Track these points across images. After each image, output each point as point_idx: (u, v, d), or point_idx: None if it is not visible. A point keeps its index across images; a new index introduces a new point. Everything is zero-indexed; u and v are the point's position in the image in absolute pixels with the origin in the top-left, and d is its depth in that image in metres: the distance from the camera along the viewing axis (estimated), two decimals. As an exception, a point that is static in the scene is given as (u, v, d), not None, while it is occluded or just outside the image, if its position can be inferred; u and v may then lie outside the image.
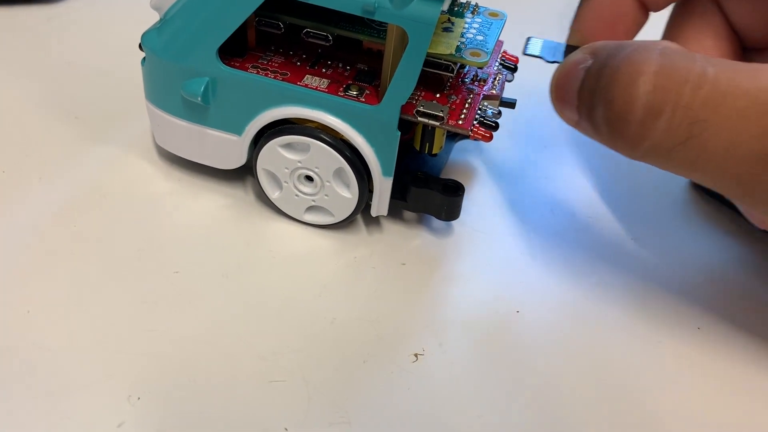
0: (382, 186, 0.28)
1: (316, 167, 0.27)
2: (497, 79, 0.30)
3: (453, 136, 0.32)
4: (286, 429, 0.23)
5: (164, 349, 0.25)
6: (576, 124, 0.22)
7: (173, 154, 0.31)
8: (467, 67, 0.29)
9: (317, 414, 0.23)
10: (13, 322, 0.25)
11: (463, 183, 0.28)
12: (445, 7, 0.25)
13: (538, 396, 0.25)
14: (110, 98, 0.35)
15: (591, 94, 0.21)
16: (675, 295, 0.29)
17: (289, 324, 0.26)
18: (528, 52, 0.26)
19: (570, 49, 0.26)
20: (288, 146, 0.27)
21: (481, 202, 0.32)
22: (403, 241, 0.30)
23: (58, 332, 0.25)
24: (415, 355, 0.26)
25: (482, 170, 0.34)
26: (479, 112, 0.28)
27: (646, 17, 0.26)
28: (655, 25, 0.27)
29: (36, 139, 0.32)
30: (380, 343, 0.26)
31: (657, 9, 0.26)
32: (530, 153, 0.36)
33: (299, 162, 0.27)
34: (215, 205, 0.30)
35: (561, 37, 0.27)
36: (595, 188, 0.34)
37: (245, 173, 0.31)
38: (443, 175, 0.31)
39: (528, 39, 0.26)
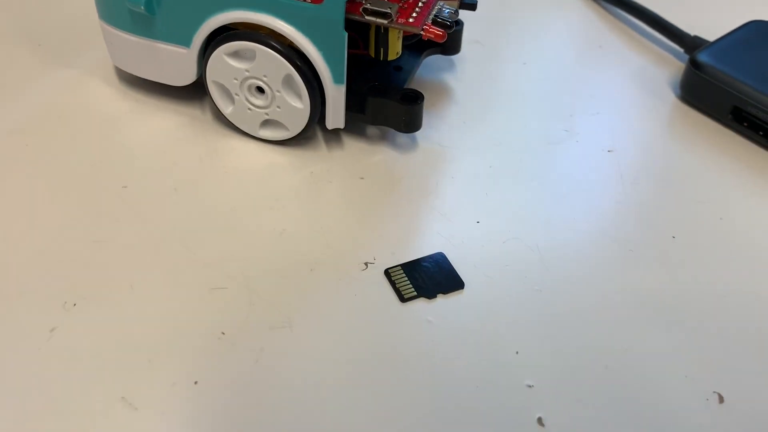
0: (335, 94, 0.26)
1: (264, 75, 0.26)
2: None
3: (419, 51, 0.31)
4: (223, 333, 0.22)
5: (105, 259, 0.24)
6: None
7: (132, 77, 0.31)
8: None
9: (258, 319, 0.23)
10: (-42, 234, 0.25)
11: (432, 100, 0.27)
12: None
13: (481, 299, 0.24)
14: (72, 25, 0.34)
15: None
16: (649, 209, 0.28)
17: (238, 235, 0.25)
18: None
19: None
20: (234, 54, 0.26)
21: (450, 119, 0.31)
22: (364, 156, 0.29)
23: (1, 239, 0.24)
24: (366, 264, 0.25)
25: (453, 88, 0.33)
26: (435, 12, 0.26)
27: None
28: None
29: (-3, 66, 0.32)
30: (330, 252, 0.25)
31: None
32: (506, 70, 0.34)
33: (247, 71, 0.27)
34: (171, 123, 0.29)
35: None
36: (573, 104, 0.32)
37: (202, 93, 0.30)
38: (407, 89, 0.30)
39: None
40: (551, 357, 0.22)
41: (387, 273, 0.24)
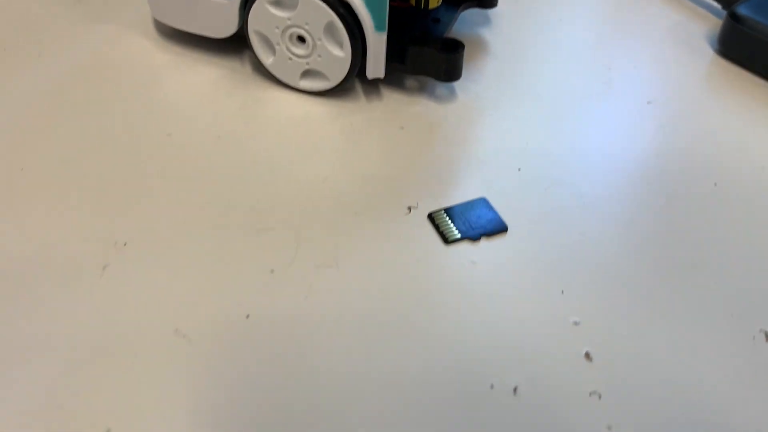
0: (376, 42, 0.27)
1: (306, 23, 0.27)
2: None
3: (456, 4, 0.31)
4: (273, 270, 0.23)
5: (154, 202, 0.24)
6: None
7: (171, 31, 0.31)
8: None
9: (305, 258, 0.23)
10: (8, 180, 0.25)
11: (470, 53, 0.27)
12: None
13: (524, 242, 0.24)
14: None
15: None
16: (690, 157, 0.27)
17: (282, 181, 0.26)
18: None
19: None
20: (276, 3, 0.27)
21: (488, 72, 0.31)
22: (403, 107, 0.29)
23: (51, 187, 0.25)
24: (409, 208, 0.25)
25: (491, 42, 0.33)
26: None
27: None
28: None
29: (38, 22, 0.32)
30: (373, 198, 0.25)
31: None
32: (543, 25, 0.34)
33: (288, 19, 0.27)
34: (212, 76, 0.30)
35: None
36: (610, 58, 0.32)
37: (242, 47, 0.31)
38: (445, 40, 0.30)
39: None
40: (597, 297, 0.22)
41: (430, 217, 0.25)
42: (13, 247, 0.23)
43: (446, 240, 0.24)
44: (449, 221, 0.24)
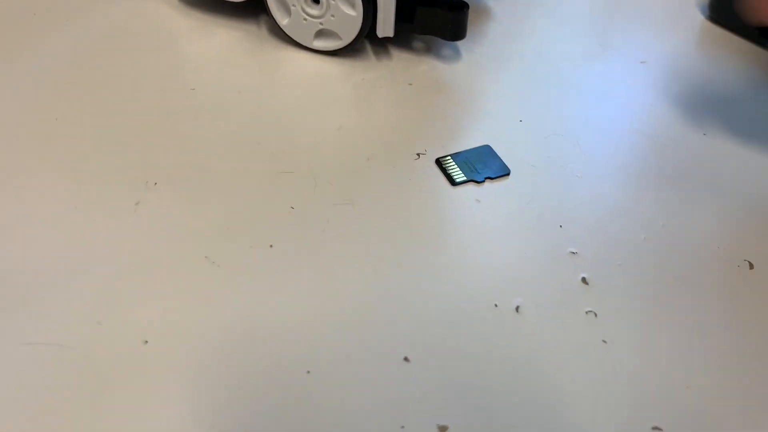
0: (386, 2, 0.28)
1: (321, -16, 0.28)
2: None
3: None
4: (293, 207, 0.24)
5: (181, 147, 0.26)
6: None
7: (191, -3, 0.33)
8: None
9: (322, 196, 0.25)
10: (43, 128, 0.27)
11: (473, 18, 0.29)
12: None
13: (526, 184, 0.26)
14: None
15: None
16: (681, 110, 0.29)
17: (299, 130, 0.27)
18: None
19: None
20: (293, -35, 0.28)
21: (492, 35, 0.33)
22: (411, 66, 0.31)
23: (84, 137, 0.27)
24: (418, 154, 0.27)
25: (493, 7, 0.34)
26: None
27: None
28: None
29: (64, -9, 0.34)
30: (384, 145, 0.27)
31: None
32: (542, -6, 0.36)
33: (305, -20, 0.28)
34: (230, 38, 0.31)
35: None
36: (605, 23, 0.34)
37: (258, 11, 0.33)
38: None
39: None
40: (593, 231, 0.24)
41: (438, 161, 0.26)
42: (50, 187, 0.24)
43: (453, 182, 0.26)
44: (455, 165, 0.26)
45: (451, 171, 0.26)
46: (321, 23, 0.30)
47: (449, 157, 0.27)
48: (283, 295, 0.22)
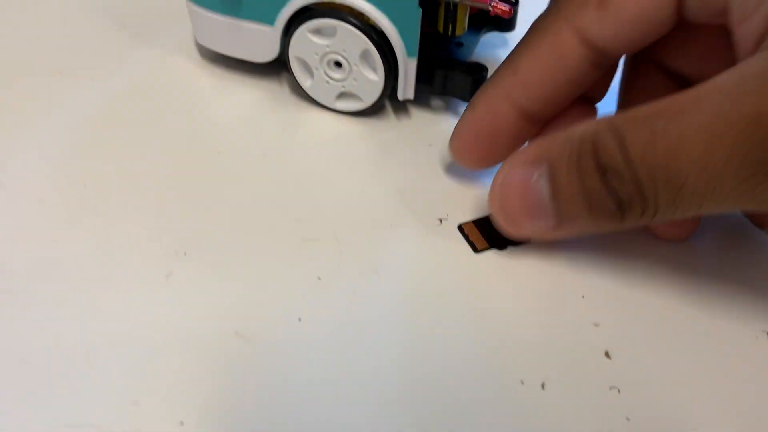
0: (407, 67, 0.29)
1: (344, 50, 0.29)
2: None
3: (479, 27, 0.33)
4: (319, 278, 0.25)
5: (209, 215, 0.27)
6: (552, 230, 0.23)
7: (212, 54, 0.33)
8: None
9: (348, 266, 0.25)
10: (73, 194, 0.27)
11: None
12: None
13: (548, 251, 0.26)
14: (152, 7, 0.37)
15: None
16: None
17: (323, 194, 0.28)
18: None
19: None
20: (317, 31, 0.29)
21: (508, 91, 0.33)
22: (431, 125, 0.31)
23: (112, 201, 0.27)
24: (440, 220, 0.27)
25: (509, 63, 0.35)
26: (500, -11, 0.29)
27: (533, 126, 0.26)
28: None
29: (89, 46, 0.35)
30: (406, 210, 0.27)
31: (543, 118, 0.26)
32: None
33: (327, 46, 0.29)
34: (253, 97, 0.32)
35: None
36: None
37: (280, 69, 0.33)
38: (468, 63, 0.32)
39: None
40: (614, 299, 0.25)
41: (460, 228, 0.27)
42: (80, 259, 0.25)
43: (475, 249, 0.26)
44: (478, 232, 0.27)
45: (473, 238, 0.26)
46: (343, 86, 0.30)
47: (471, 223, 0.27)
48: (314, 374, 0.22)
